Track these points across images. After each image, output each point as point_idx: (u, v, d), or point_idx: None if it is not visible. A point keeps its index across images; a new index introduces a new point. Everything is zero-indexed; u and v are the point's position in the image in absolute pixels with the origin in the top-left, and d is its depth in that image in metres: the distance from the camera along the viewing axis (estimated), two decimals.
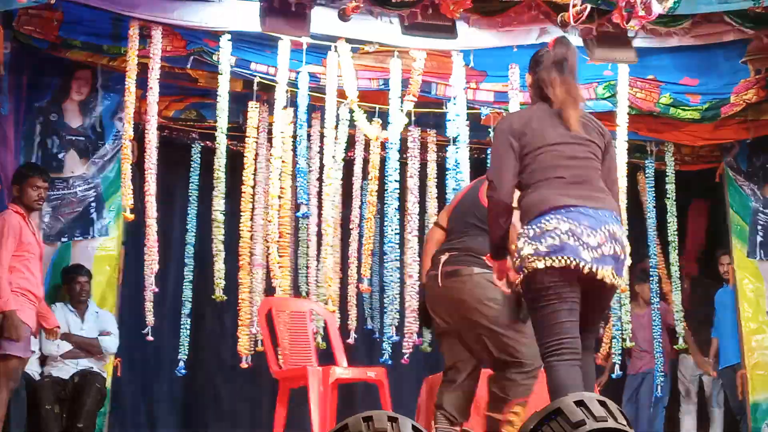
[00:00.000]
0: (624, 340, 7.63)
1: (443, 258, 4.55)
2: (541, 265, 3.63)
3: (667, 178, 8.02)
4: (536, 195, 3.78)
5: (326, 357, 6.36)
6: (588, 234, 3.64)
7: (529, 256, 3.67)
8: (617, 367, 7.58)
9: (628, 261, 3.87)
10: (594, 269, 3.63)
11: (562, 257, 3.61)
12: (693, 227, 8.49)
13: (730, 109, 7.19)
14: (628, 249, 3.82)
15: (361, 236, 7.38)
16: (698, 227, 8.70)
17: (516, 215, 3.94)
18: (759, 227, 7.95)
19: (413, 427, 2.53)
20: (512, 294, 4.08)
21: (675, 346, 8.01)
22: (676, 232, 8.03)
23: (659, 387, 8.03)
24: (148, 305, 7.20)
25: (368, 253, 6.91)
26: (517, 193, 3.94)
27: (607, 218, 3.71)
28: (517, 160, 3.85)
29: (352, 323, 7.56)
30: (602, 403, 2.57)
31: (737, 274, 7.94)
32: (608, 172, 3.94)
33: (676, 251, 8.05)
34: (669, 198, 8.02)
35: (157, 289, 6.75)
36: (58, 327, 6.05)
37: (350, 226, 7.66)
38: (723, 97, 7.12)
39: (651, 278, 7.99)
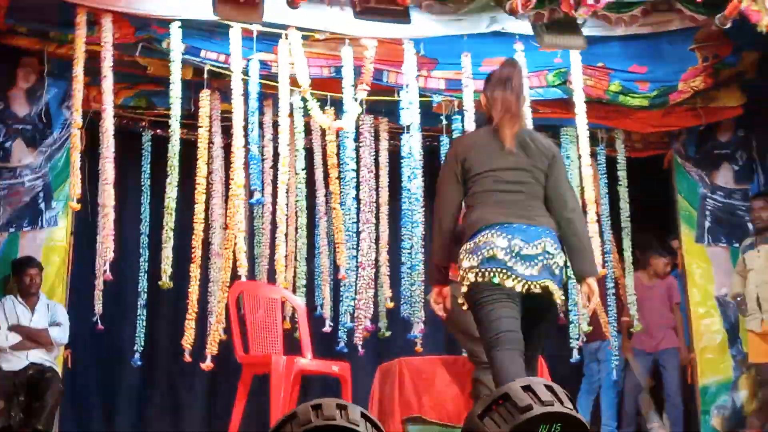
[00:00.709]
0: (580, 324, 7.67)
1: None
2: (478, 277, 3.95)
3: (618, 165, 8.08)
4: (474, 214, 4.09)
5: (293, 345, 6.34)
6: (521, 248, 3.93)
7: (468, 269, 3.99)
8: (575, 351, 7.58)
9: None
10: (528, 285, 3.92)
11: (496, 269, 3.92)
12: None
13: (678, 97, 7.26)
14: (561, 262, 4.04)
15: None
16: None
17: None
18: (707, 212, 8.05)
19: (362, 414, 2.54)
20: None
21: (630, 329, 8.07)
22: (629, 218, 8.08)
23: (614, 371, 8.09)
24: (98, 294, 7.16)
25: (340, 241, 6.87)
26: None
27: (540, 233, 3.99)
28: (459, 183, 4.16)
29: (327, 312, 7.56)
30: (549, 388, 2.59)
31: (685, 259, 8.04)
32: (554, 187, 4.18)
33: (629, 237, 8.10)
34: (621, 185, 8.08)
35: (111, 277, 6.67)
36: None
37: (317, 216, 7.65)
38: (671, 84, 7.19)
39: (606, 264, 8.02)
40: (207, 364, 6.57)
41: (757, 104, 7.70)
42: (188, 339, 6.69)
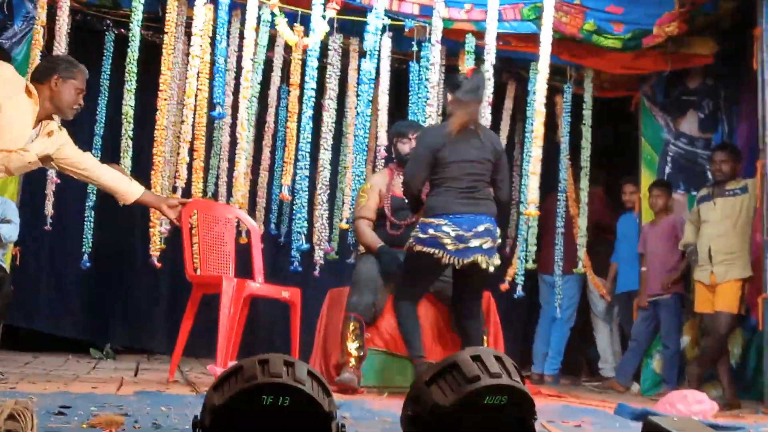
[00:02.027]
0: (527, 261, 7.71)
1: None
2: (424, 249, 5.29)
3: (584, 104, 8.04)
4: (437, 199, 5.33)
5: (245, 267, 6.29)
6: (462, 233, 5.23)
7: (414, 239, 5.34)
8: (519, 287, 7.66)
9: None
10: (458, 260, 5.26)
11: (433, 250, 5.26)
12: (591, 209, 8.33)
13: (651, 41, 7.24)
14: (496, 238, 5.38)
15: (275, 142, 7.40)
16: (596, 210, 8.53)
17: None
18: (669, 158, 8.08)
19: (309, 372, 2.52)
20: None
21: (573, 270, 8.13)
22: (588, 159, 8.07)
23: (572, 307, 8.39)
24: (49, 194, 7.04)
25: (289, 160, 6.79)
26: None
27: (481, 220, 5.29)
28: (429, 167, 5.35)
29: (262, 228, 7.52)
30: (498, 359, 2.59)
31: (643, 202, 8.06)
32: (497, 174, 5.47)
33: (587, 177, 8.10)
34: (585, 124, 8.05)
35: (58, 180, 6.54)
36: None
37: (264, 129, 7.54)
38: (646, 27, 7.16)
39: (558, 202, 8.03)
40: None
41: (728, 54, 7.66)
42: (154, 246, 6.66)
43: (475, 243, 5.26)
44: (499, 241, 5.46)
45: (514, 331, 8.38)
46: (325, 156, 6.88)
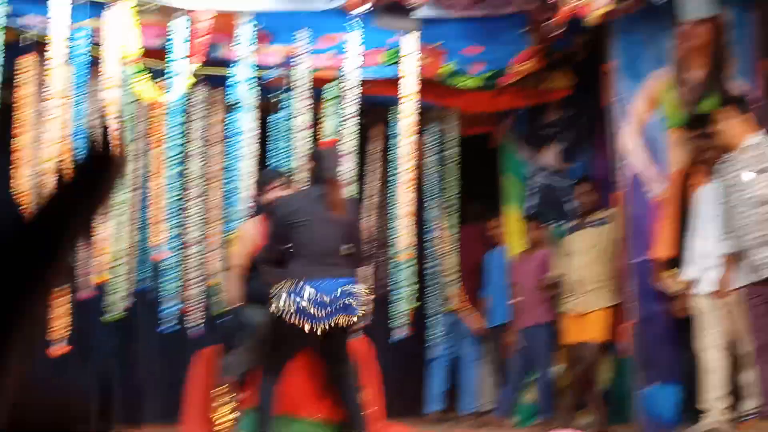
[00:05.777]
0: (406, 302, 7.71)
1: None
2: (280, 316, 5.16)
3: (448, 144, 8.16)
4: (296, 264, 5.25)
5: None
6: (322, 298, 5.16)
7: (274, 306, 5.19)
8: (396, 331, 7.69)
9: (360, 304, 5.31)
10: (319, 326, 5.17)
11: (296, 318, 5.16)
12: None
13: (508, 79, 7.41)
14: (353, 298, 5.26)
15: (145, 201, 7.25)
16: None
17: None
18: (532, 191, 8.23)
19: None
20: None
21: (445, 308, 8.22)
22: (458, 196, 8.18)
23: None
24: None
25: (158, 220, 6.70)
26: None
27: (340, 284, 5.23)
28: (285, 238, 5.30)
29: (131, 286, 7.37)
30: None
31: (509, 236, 8.20)
32: (353, 239, 5.41)
33: (458, 214, 8.21)
34: (451, 162, 8.17)
35: None
36: None
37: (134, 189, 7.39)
38: (504, 67, 7.32)
39: (424, 243, 8.03)
40: None
41: (585, 85, 7.86)
42: None
43: (335, 306, 5.22)
44: (361, 298, 5.36)
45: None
46: (192, 211, 6.82)
